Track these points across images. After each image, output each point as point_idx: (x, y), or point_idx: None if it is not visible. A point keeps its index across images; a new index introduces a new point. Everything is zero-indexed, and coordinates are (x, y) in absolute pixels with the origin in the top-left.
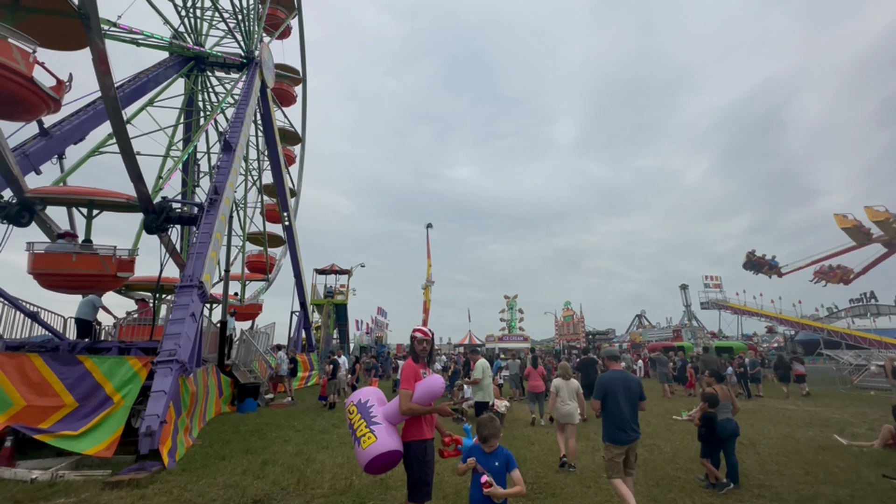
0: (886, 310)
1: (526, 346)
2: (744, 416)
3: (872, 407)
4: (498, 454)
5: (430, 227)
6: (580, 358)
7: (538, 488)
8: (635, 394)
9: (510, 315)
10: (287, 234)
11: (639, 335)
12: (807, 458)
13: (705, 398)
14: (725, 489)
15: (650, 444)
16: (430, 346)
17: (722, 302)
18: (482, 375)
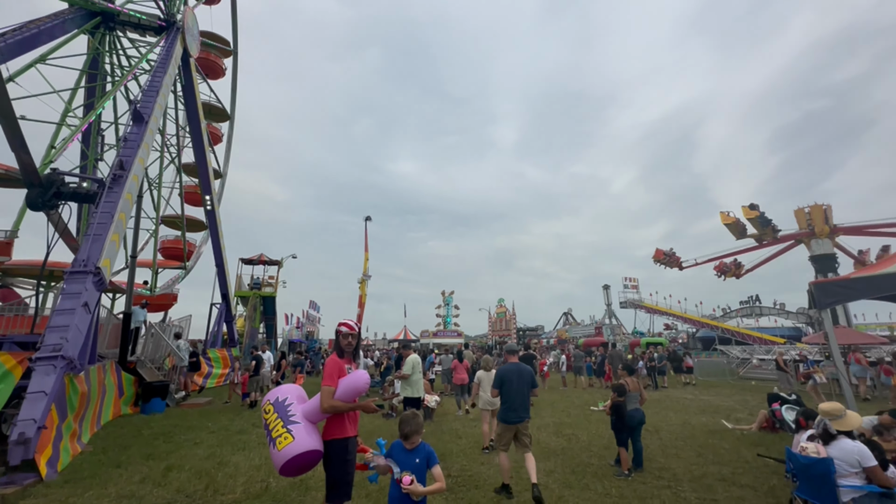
0: (767, 311)
1: (460, 341)
2: (650, 405)
3: (753, 395)
4: (419, 451)
5: (368, 220)
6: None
7: (462, 481)
8: (527, 383)
9: (446, 311)
10: (209, 218)
11: (565, 332)
12: (700, 442)
13: (615, 388)
14: (631, 474)
15: (569, 434)
16: (357, 340)
17: (638, 302)
18: (412, 371)
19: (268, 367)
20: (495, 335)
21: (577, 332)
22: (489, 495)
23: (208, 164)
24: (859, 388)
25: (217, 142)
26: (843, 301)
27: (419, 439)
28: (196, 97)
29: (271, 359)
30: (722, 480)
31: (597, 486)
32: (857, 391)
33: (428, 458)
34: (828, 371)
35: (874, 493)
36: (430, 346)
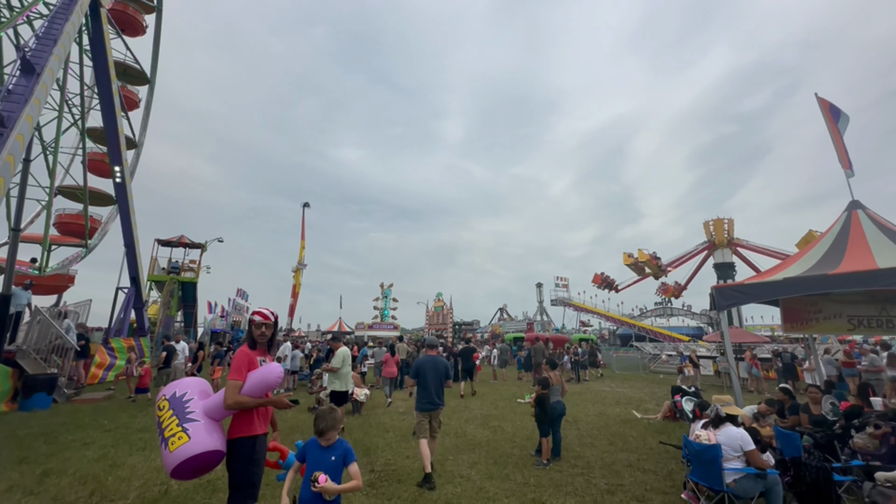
0: (677, 312)
1: (395, 334)
2: (572, 397)
3: (660, 387)
4: (336, 448)
5: (307, 206)
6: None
7: (385, 475)
8: (441, 374)
9: (384, 303)
10: (119, 192)
11: (499, 327)
12: (612, 431)
13: (540, 382)
14: (550, 463)
15: (495, 426)
16: (273, 331)
17: (567, 300)
18: (342, 364)
19: (182, 358)
20: (432, 329)
21: (511, 326)
22: (411, 489)
23: (120, 130)
24: (748, 382)
25: (133, 107)
26: (738, 304)
27: (336, 435)
28: (107, 53)
29: (186, 349)
30: (629, 466)
31: (517, 476)
32: (745, 384)
33: (345, 456)
34: (721, 366)
35: (751, 475)
36: (364, 338)
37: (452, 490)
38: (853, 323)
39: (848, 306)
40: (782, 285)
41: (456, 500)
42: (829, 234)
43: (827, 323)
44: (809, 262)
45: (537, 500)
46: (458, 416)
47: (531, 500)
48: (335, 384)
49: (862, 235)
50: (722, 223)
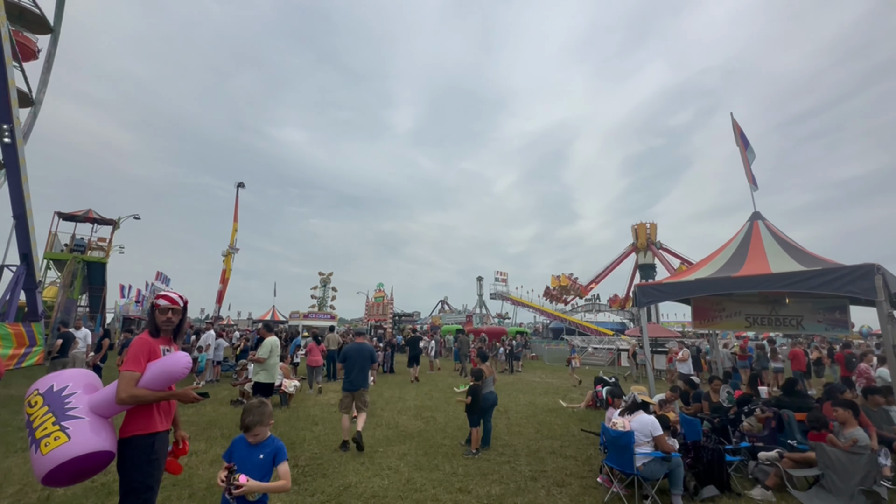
0: (604, 307)
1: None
2: (505, 387)
3: (586, 378)
4: (265, 445)
5: (241, 186)
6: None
7: (309, 470)
8: (366, 359)
9: (322, 292)
10: (7, 154)
11: (439, 318)
12: (539, 420)
13: (473, 373)
14: (479, 453)
15: (428, 417)
16: (181, 317)
17: (505, 294)
18: (269, 355)
19: (82, 346)
20: (371, 319)
21: (450, 318)
22: (337, 483)
23: (10, 82)
24: (665, 374)
25: (30, 57)
26: (657, 301)
27: (266, 432)
28: None
29: (88, 337)
30: (552, 453)
31: (445, 467)
32: (660, 376)
33: (275, 454)
34: (640, 358)
35: (658, 458)
36: (299, 328)
37: (380, 483)
38: (749, 321)
39: (746, 306)
40: (694, 285)
41: (383, 493)
42: (734, 241)
43: (729, 320)
44: (717, 266)
45: (464, 489)
46: (391, 408)
47: (458, 489)
48: (260, 375)
49: (760, 243)
50: (645, 227)
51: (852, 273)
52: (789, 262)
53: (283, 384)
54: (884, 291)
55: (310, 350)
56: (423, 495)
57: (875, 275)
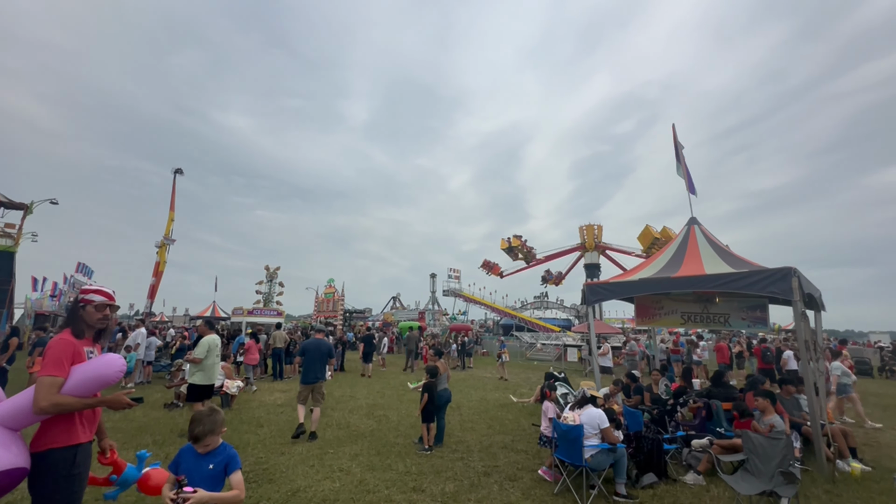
0: (551, 305)
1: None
2: (457, 384)
3: (535, 373)
4: (216, 455)
5: (179, 172)
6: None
7: (254, 476)
8: (324, 353)
9: (268, 288)
10: None
11: (391, 315)
12: (491, 415)
13: (428, 370)
14: (432, 450)
15: (380, 415)
16: (110, 314)
17: (458, 291)
18: (206, 354)
19: None
20: (321, 316)
21: (402, 315)
22: (284, 489)
23: None
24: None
25: None
26: (604, 299)
27: (218, 440)
28: None
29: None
30: (504, 448)
31: (399, 466)
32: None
33: (227, 463)
34: (583, 353)
35: (604, 449)
36: (242, 325)
37: (331, 486)
38: (684, 318)
39: (682, 304)
40: (637, 285)
41: (334, 497)
42: (674, 243)
43: (667, 318)
44: (657, 267)
45: (418, 487)
46: (342, 407)
47: (412, 488)
48: (196, 377)
49: (696, 246)
50: (593, 228)
51: (773, 275)
52: (721, 264)
53: (224, 385)
54: (799, 292)
55: (247, 349)
56: (377, 496)
57: (792, 277)
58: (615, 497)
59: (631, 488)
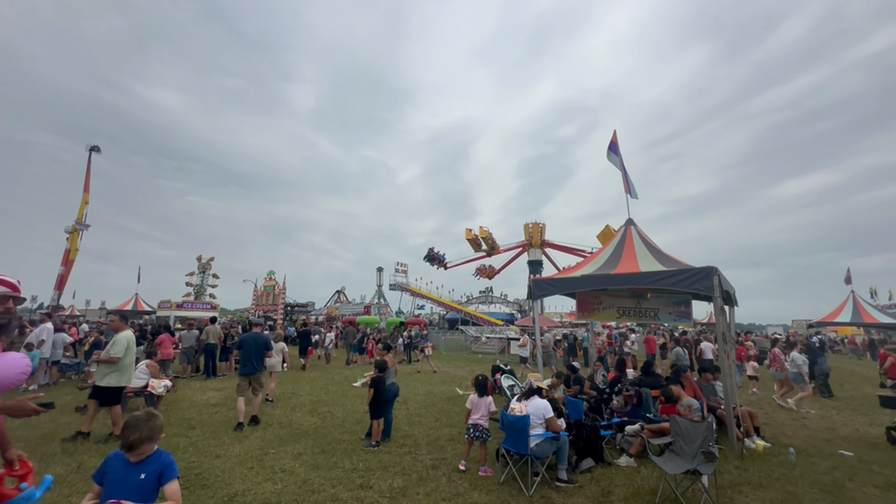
0: (496, 299)
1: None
2: (404, 378)
3: (480, 366)
4: (149, 463)
5: (96, 150)
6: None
7: (187, 481)
8: (261, 346)
9: (200, 279)
10: None
11: (335, 309)
12: (438, 408)
13: (377, 365)
14: (379, 445)
15: (325, 412)
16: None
17: (404, 285)
18: (124, 352)
19: None
20: (259, 310)
21: (347, 309)
22: (220, 494)
23: None
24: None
25: None
26: (548, 294)
27: (154, 447)
28: None
29: None
30: (451, 440)
31: (345, 463)
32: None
33: (162, 472)
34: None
35: (548, 438)
36: (170, 319)
37: (272, 488)
38: (620, 312)
39: (618, 299)
40: (579, 281)
41: (275, 499)
42: (612, 242)
43: (604, 312)
44: (598, 264)
45: (365, 484)
46: (283, 404)
47: (359, 485)
48: (111, 377)
49: (633, 246)
50: (537, 226)
51: (698, 274)
52: (653, 262)
53: (150, 384)
54: (719, 289)
55: (160, 343)
56: (322, 496)
57: (714, 276)
58: (557, 482)
59: (571, 473)
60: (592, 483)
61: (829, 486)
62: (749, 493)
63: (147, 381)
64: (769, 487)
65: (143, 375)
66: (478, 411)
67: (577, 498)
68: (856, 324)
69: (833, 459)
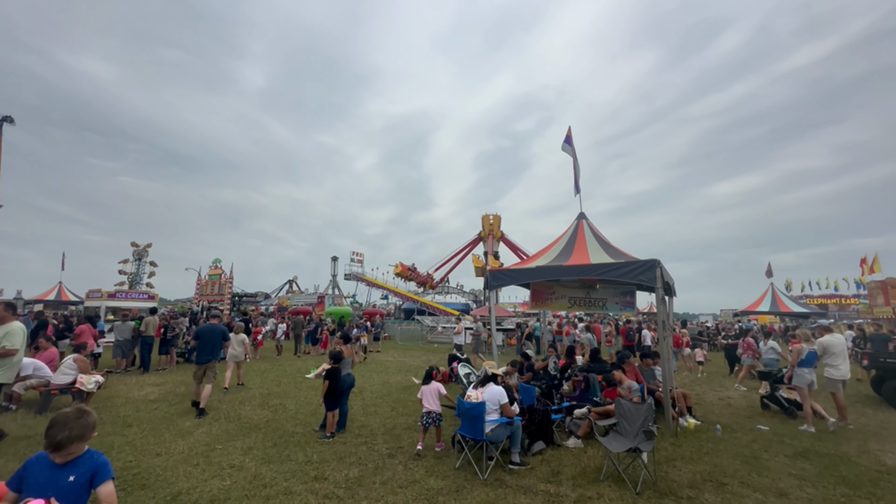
0: (451, 290)
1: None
2: (358, 368)
3: (436, 355)
4: (79, 464)
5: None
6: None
7: (122, 482)
8: (218, 337)
9: (136, 267)
10: None
11: (287, 299)
12: (394, 398)
13: (332, 356)
14: (334, 436)
15: (276, 405)
16: None
17: (360, 275)
18: (19, 345)
19: None
20: (204, 300)
21: (300, 300)
22: (162, 493)
23: None
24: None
25: None
26: (505, 285)
27: (84, 447)
28: None
29: None
30: (408, 429)
31: (298, 456)
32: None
33: (94, 474)
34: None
35: (502, 423)
36: (101, 310)
37: (220, 484)
38: (571, 302)
39: (569, 290)
40: (535, 272)
41: (224, 496)
42: (566, 235)
43: (557, 302)
44: (552, 256)
45: (320, 476)
46: (231, 398)
47: (313, 477)
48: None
49: (584, 239)
50: (492, 218)
51: (643, 266)
52: (603, 255)
53: (78, 380)
54: (661, 280)
55: (79, 333)
56: (274, 490)
57: (657, 268)
58: (510, 465)
59: (523, 456)
60: (543, 464)
61: (748, 457)
62: (682, 466)
63: (75, 377)
64: (699, 461)
65: (69, 371)
66: (427, 399)
67: (528, 479)
68: (773, 312)
69: (752, 434)
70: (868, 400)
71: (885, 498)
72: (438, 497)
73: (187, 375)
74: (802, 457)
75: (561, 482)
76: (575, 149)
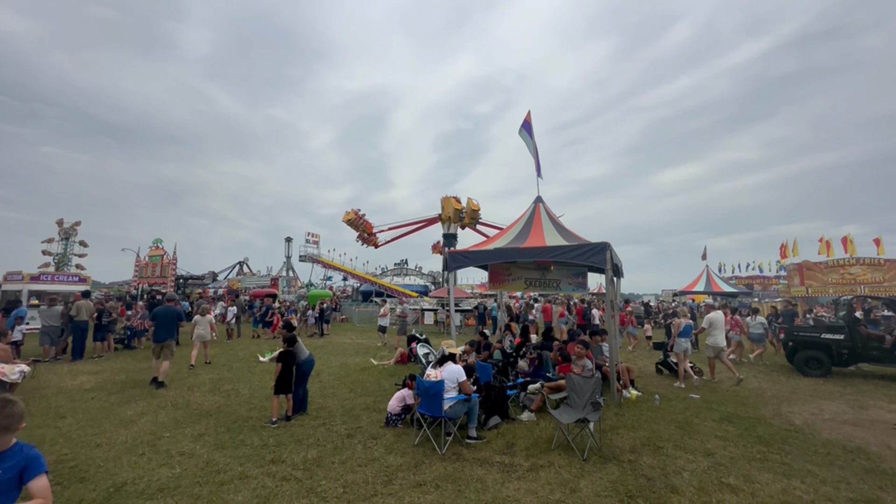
0: (410, 271)
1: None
2: (315, 350)
3: (394, 337)
4: (7, 458)
5: None
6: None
7: (59, 476)
8: (173, 318)
9: (63, 248)
10: None
11: (237, 282)
12: (353, 379)
13: (286, 339)
14: (292, 419)
15: (228, 390)
16: None
17: (316, 257)
18: None
19: None
20: (143, 282)
21: (252, 282)
22: (103, 486)
23: None
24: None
25: None
26: (463, 266)
27: (11, 440)
28: None
29: None
30: (366, 409)
31: (253, 440)
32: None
33: (24, 468)
34: (440, 315)
35: (460, 400)
36: (22, 293)
37: (168, 473)
38: (527, 283)
39: (525, 271)
40: (493, 254)
41: (174, 484)
42: (523, 218)
43: (513, 283)
44: (509, 238)
45: (277, 459)
46: (178, 384)
47: (270, 460)
48: None
49: (540, 222)
50: (450, 200)
51: (594, 248)
52: (557, 237)
53: (1, 370)
54: (610, 262)
55: None
56: (228, 475)
57: (607, 250)
58: (467, 440)
59: (480, 430)
60: (499, 437)
61: (682, 423)
62: (624, 434)
63: None
64: (639, 428)
65: None
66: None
67: (485, 452)
68: (707, 292)
69: (686, 402)
70: (783, 369)
71: (792, 453)
72: (398, 473)
73: (127, 363)
74: (727, 420)
75: (515, 453)
76: (534, 133)
